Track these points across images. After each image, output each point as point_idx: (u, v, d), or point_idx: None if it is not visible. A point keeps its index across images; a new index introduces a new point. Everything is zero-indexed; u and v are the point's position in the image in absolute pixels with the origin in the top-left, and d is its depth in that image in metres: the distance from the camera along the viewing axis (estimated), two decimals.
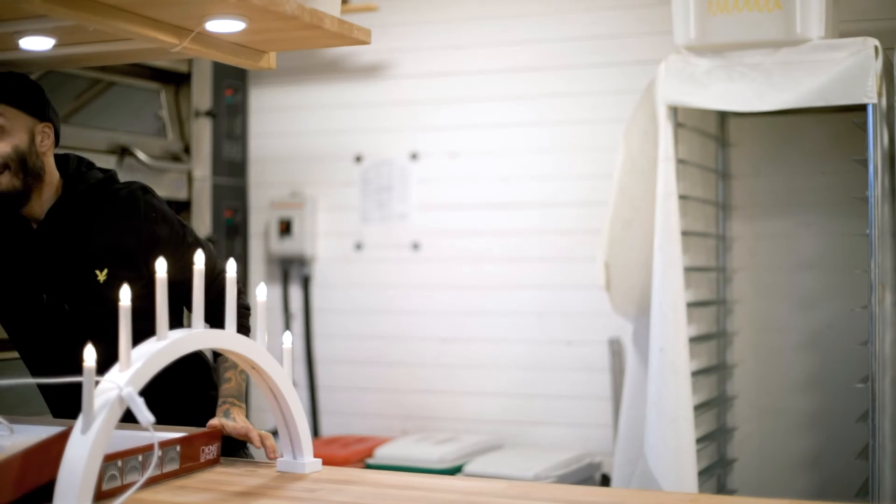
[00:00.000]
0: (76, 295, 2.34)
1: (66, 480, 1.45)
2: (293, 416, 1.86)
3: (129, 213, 2.36)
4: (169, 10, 1.85)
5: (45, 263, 2.36)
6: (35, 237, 2.36)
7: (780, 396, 3.80)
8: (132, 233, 2.35)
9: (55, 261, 2.34)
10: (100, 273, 2.33)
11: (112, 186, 2.41)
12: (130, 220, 2.35)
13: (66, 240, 2.36)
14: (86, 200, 2.37)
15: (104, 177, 2.42)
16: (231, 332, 1.74)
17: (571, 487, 1.79)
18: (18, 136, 2.30)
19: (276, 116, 4.70)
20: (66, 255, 2.35)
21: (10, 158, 2.28)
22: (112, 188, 2.41)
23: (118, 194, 2.39)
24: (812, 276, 3.78)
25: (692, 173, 3.54)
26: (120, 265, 2.34)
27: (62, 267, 2.34)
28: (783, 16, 3.06)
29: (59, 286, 2.34)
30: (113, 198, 2.39)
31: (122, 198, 2.38)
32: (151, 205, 2.39)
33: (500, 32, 4.32)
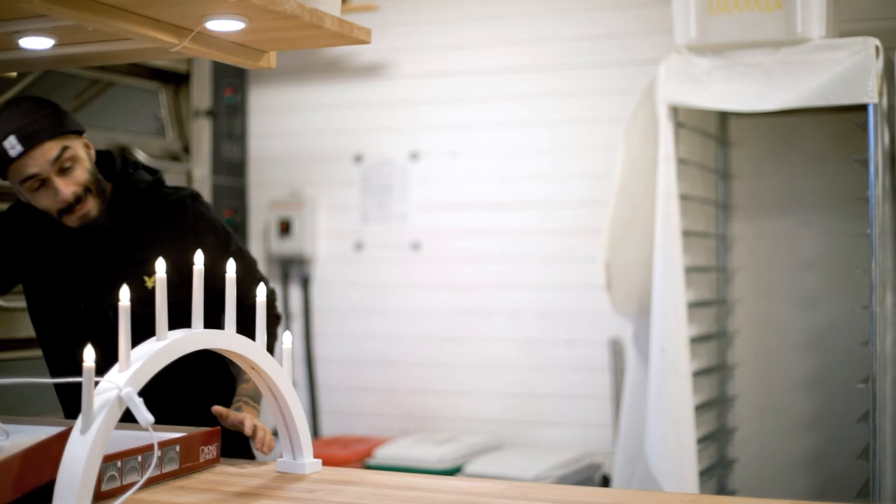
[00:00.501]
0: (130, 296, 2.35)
1: (66, 481, 1.45)
2: (293, 416, 1.86)
3: (178, 221, 2.39)
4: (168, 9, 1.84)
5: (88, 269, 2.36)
6: (79, 242, 2.35)
7: (781, 397, 3.80)
8: (180, 241, 2.37)
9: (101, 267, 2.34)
10: (148, 280, 2.34)
11: (161, 191, 2.43)
12: (179, 228, 2.38)
13: (114, 246, 2.36)
14: (135, 206, 2.38)
15: (153, 180, 2.43)
16: (231, 332, 1.73)
17: (571, 488, 1.79)
18: (84, 159, 2.32)
19: (276, 116, 4.70)
20: (114, 261, 2.35)
21: (90, 182, 2.31)
22: (161, 193, 2.42)
23: (167, 200, 2.42)
24: (813, 276, 3.78)
25: (692, 173, 3.54)
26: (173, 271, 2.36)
27: (109, 273, 2.34)
28: (784, 15, 3.05)
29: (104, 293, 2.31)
30: (162, 204, 2.41)
31: (172, 204, 2.41)
32: (200, 213, 2.43)
33: (500, 32, 4.31)
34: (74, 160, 2.30)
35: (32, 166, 2.24)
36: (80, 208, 2.29)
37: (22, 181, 2.26)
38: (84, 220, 2.31)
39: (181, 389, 2.36)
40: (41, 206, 2.29)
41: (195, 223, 2.40)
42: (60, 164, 2.27)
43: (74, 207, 2.29)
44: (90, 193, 2.30)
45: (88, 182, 2.31)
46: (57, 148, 2.27)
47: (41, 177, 2.26)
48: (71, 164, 2.28)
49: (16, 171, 2.25)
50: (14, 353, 3.29)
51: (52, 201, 2.27)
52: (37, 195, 2.28)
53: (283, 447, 1.90)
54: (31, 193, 2.28)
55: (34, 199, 2.29)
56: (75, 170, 2.29)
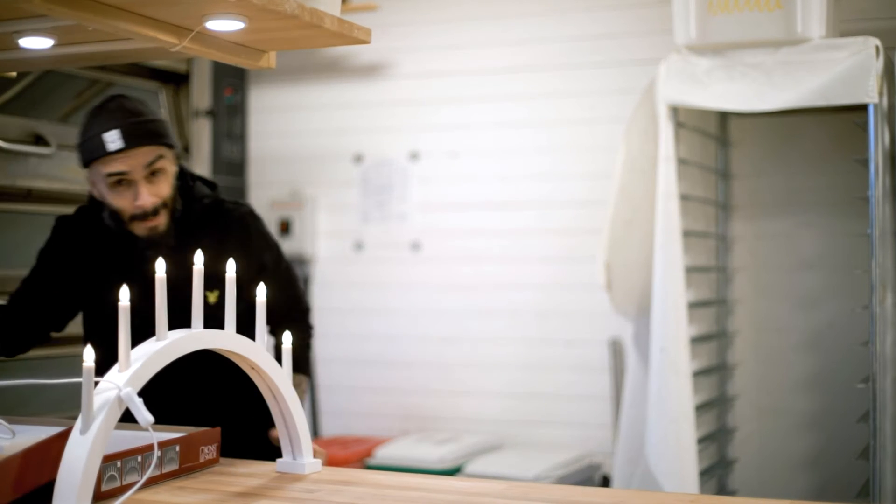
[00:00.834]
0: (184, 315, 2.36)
1: (66, 481, 1.45)
2: (293, 416, 1.86)
3: (241, 239, 2.43)
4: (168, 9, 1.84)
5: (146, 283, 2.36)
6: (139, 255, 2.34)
7: (781, 397, 3.80)
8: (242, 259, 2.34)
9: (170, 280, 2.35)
10: (210, 294, 2.34)
11: (222, 206, 2.46)
12: (242, 246, 2.40)
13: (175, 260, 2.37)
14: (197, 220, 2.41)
15: (215, 197, 2.46)
16: (231, 332, 1.73)
17: (572, 488, 1.79)
18: (170, 174, 2.35)
19: (276, 116, 4.69)
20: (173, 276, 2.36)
21: (169, 198, 2.34)
22: (223, 208, 2.46)
23: (230, 216, 2.45)
24: (813, 276, 3.78)
25: (693, 173, 3.54)
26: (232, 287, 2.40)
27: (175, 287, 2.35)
28: (784, 15, 3.05)
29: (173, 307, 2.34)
30: (224, 219, 2.44)
31: (234, 221, 2.45)
32: (261, 232, 2.49)
33: (500, 32, 4.31)
34: (163, 172, 2.32)
35: (125, 165, 2.25)
36: (153, 220, 2.30)
37: (108, 175, 2.26)
38: (151, 232, 2.32)
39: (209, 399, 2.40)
40: (115, 205, 2.29)
41: (256, 240, 2.45)
42: (150, 171, 2.29)
43: (148, 217, 2.29)
44: (165, 208, 2.32)
45: (168, 197, 2.33)
46: (153, 155, 2.30)
47: (129, 178, 2.26)
48: (159, 175, 2.31)
49: (106, 164, 2.25)
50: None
51: (129, 204, 2.27)
52: (117, 193, 2.27)
53: (283, 447, 1.90)
54: (111, 189, 2.27)
55: (113, 195, 2.28)
56: (161, 181, 2.31)
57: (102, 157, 2.26)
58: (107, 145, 2.24)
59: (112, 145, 2.24)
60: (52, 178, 3.37)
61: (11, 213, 3.36)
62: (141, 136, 2.29)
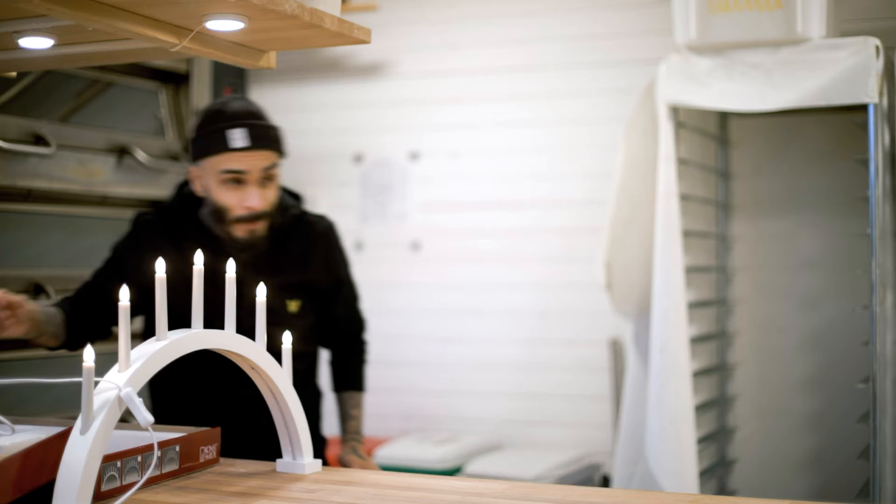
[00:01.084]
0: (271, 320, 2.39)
1: (66, 481, 1.45)
2: (293, 416, 1.86)
3: (324, 250, 2.51)
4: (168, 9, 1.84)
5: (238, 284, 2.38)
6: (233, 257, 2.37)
7: (781, 397, 3.80)
8: (324, 271, 2.49)
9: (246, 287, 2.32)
10: (290, 303, 2.41)
11: (307, 218, 2.53)
12: (324, 258, 2.50)
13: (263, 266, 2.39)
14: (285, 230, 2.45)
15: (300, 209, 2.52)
16: (230, 332, 1.73)
17: (571, 488, 1.79)
18: (278, 183, 2.39)
19: (276, 116, 4.68)
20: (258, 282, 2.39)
21: (274, 206, 2.37)
22: (308, 220, 2.52)
23: (314, 228, 2.52)
24: (813, 276, 3.78)
25: (693, 173, 3.54)
26: (310, 298, 2.47)
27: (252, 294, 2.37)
28: (784, 15, 3.05)
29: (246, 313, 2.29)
30: (310, 231, 2.50)
31: (318, 233, 2.52)
32: (340, 247, 2.57)
33: (500, 32, 4.31)
34: (274, 179, 2.36)
35: (245, 164, 2.27)
36: (256, 224, 2.33)
37: (223, 171, 2.27)
38: (250, 236, 2.34)
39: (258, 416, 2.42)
40: (222, 203, 2.30)
41: (336, 254, 2.53)
42: (265, 176, 2.32)
43: (253, 220, 2.30)
44: (267, 215, 2.35)
45: (273, 205, 2.36)
46: (271, 160, 2.34)
47: (244, 178, 2.28)
48: (271, 181, 2.34)
49: (225, 161, 2.27)
50: (14, 353, 3.29)
51: (238, 204, 2.29)
52: (228, 191, 2.29)
53: (283, 447, 1.90)
54: (222, 185, 2.29)
55: (223, 193, 2.30)
56: (271, 188, 2.34)
57: (223, 153, 2.27)
58: (231, 142, 2.26)
59: (237, 142, 2.27)
60: (52, 178, 3.37)
61: (11, 213, 3.35)
62: (265, 140, 2.34)
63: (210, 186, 2.35)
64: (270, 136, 2.38)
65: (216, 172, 2.32)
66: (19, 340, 3.27)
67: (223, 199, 2.33)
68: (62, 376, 1.71)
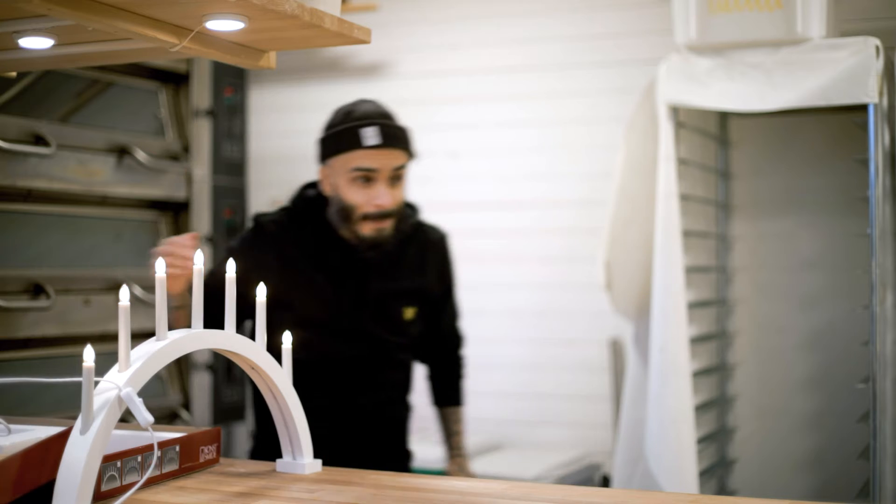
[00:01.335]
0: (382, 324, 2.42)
1: (65, 481, 1.45)
2: (293, 416, 1.86)
3: (439, 260, 2.57)
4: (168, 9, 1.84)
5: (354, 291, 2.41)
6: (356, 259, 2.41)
7: (781, 397, 3.80)
8: (437, 280, 2.55)
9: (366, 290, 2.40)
10: (407, 310, 2.45)
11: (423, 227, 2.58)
12: (438, 267, 2.55)
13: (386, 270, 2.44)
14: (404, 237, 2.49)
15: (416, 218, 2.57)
16: (230, 332, 1.73)
17: (571, 488, 1.79)
18: (405, 184, 2.43)
19: (276, 116, 4.69)
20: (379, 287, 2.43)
21: (402, 205, 2.41)
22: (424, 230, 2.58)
23: (430, 238, 2.58)
24: (813, 276, 3.78)
25: (693, 173, 3.54)
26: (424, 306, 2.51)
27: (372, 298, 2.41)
28: (784, 15, 3.05)
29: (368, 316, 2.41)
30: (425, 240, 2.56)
31: (434, 243, 2.58)
32: (451, 259, 2.62)
33: (499, 32, 4.31)
34: (402, 180, 2.39)
35: (377, 162, 2.29)
36: (383, 223, 2.35)
37: (354, 169, 2.28)
38: (377, 235, 2.36)
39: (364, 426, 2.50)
40: (351, 201, 2.32)
41: (448, 265, 2.59)
42: (395, 175, 2.34)
43: (380, 218, 2.33)
44: (394, 216, 2.38)
45: (400, 206, 2.39)
46: (403, 159, 2.37)
47: (374, 176, 2.29)
48: (399, 181, 2.37)
49: (356, 158, 2.29)
50: (14, 353, 3.29)
51: (367, 201, 2.31)
52: (357, 189, 2.31)
53: (282, 447, 1.90)
54: (351, 184, 2.31)
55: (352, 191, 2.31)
56: (399, 188, 2.37)
57: (355, 150, 2.28)
58: (364, 140, 2.28)
59: (370, 140, 2.29)
60: (52, 178, 3.37)
61: (11, 213, 3.35)
62: (397, 139, 2.36)
63: (339, 185, 2.36)
64: (401, 136, 2.41)
65: (346, 170, 2.33)
66: (19, 340, 3.28)
67: (352, 198, 2.34)
68: (62, 376, 1.71)
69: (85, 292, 3.49)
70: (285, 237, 2.43)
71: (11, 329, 3.23)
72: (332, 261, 2.40)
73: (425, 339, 2.63)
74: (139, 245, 3.85)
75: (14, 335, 3.25)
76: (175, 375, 3.94)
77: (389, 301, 2.44)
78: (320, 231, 2.42)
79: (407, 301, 2.48)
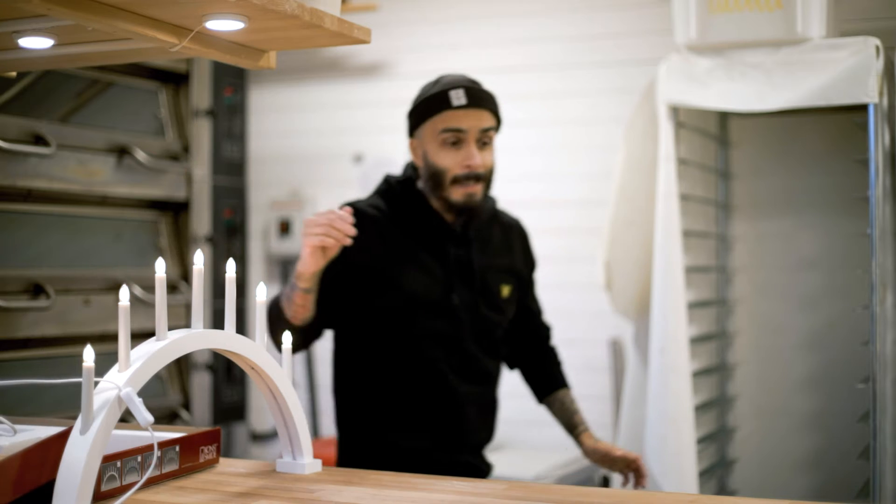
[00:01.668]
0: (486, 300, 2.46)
1: (65, 481, 1.45)
2: (293, 416, 1.86)
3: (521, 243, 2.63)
4: (168, 9, 1.84)
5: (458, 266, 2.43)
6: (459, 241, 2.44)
7: (781, 397, 3.80)
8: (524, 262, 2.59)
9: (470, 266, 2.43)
10: (504, 288, 2.48)
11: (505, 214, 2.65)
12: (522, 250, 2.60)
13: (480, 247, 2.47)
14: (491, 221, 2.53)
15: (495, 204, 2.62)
16: (231, 332, 1.73)
17: (571, 488, 1.79)
18: (494, 152, 2.44)
19: (276, 116, 4.69)
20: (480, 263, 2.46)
21: (491, 171, 2.42)
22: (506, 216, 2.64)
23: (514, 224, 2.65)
24: (813, 276, 3.78)
25: (693, 173, 3.54)
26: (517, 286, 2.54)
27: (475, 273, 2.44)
28: (784, 15, 3.05)
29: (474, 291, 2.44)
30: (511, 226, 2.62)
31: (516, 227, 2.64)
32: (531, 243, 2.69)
33: (499, 32, 4.31)
34: (490, 145, 2.40)
35: (464, 123, 2.31)
36: (473, 187, 2.36)
37: (444, 131, 2.31)
38: (467, 200, 2.37)
39: None
40: (441, 165, 2.33)
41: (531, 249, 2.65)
42: (483, 138, 2.36)
43: (471, 180, 2.34)
44: (485, 181, 2.39)
45: (490, 170, 2.40)
46: (490, 122, 2.39)
47: (463, 136, 2.32)
48: (488, 145, 2.39)
49: (444, 120, 2.32)
50: (14, 353, 3.29)
51: (457, 163, 2.33)
52: (447, 150, 2.33)
53: (283, 447, 1.90)
54: (441, 147, 2.33)
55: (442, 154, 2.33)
56: (488, 153, 2.38)
57: (443, 112, 2.32)
58: (451, 100, 2.33)
59: (456, 101, 2.33)
60: (53, 178, 3.37)
61: (11, 213, 3.36)
62: (485, 101, 2.38)
63: (429, 151, 2.39)
64: (489, 98, 2.42)
65: (436, 134, 2.36)
66: (19, 340, 3.28)
67: (442, 161, 2.36)
68: (62, 376, 1.71)
69: (85, 292, 3.49)
70: (384, 218, 2.44)
71: (11, 329, 3.23)
72: (432, 237, 2.41)
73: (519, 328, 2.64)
74: (139, 245, 3.85)
75: (14, 335, 3.25)
76: (175, 375, 3.94)
77: (489, 276, 2.47)
78: (416, 208, 2.43)
79: (503, 278, 2.51)
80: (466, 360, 2.44)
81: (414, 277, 2.39)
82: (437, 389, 2.43)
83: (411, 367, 2.43)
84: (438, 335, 2.40)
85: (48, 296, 3.29)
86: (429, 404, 2.45)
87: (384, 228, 2.42)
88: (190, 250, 3.94)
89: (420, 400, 2.44)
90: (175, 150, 3.94)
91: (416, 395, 2.45)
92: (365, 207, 2.45)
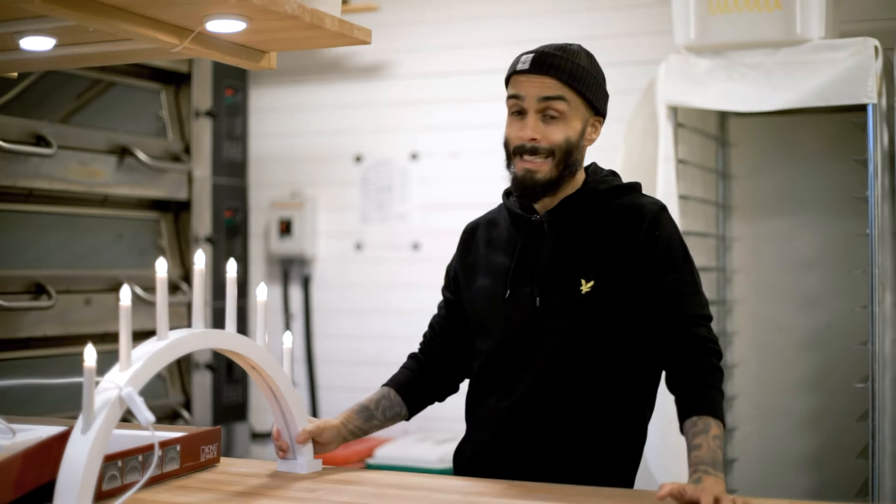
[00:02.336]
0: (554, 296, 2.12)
1: (67, 480, 1.45)
2: (293, 416, 1.86)
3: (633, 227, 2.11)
4: (169, 10, 1.85)
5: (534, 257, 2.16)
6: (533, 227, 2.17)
7: (781, 396, 3.80)
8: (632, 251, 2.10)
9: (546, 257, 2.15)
10: (584, 283, 2.10)
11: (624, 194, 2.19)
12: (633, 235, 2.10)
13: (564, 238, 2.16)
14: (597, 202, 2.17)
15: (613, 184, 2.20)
16: (232, 331, 1.74)
17: (572, 487, 1.79)
18: (573, 127, 2.12)
19: (276, 116, 4.70)
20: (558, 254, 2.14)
21: (559, 148, 2.10)
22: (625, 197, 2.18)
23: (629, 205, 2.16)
24: (812, 276, 3.78)
25: (692, 173, 3.54)
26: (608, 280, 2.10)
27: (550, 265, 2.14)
28: (783, 16, 3.06)
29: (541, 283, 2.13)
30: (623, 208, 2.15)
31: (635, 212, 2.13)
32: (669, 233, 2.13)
33: (500, 32, 4.31)
34: (560, 118, 2.10)
35: (521, 89, 2.08)
36: (532, 162, 2.10)
37: (508, 97, 2.10)
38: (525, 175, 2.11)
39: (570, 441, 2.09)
40: (506, 136, 2.12)
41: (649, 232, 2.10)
42: (545, 108, 2.09)
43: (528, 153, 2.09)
44: (552, 158, 2.10)
45: (557, 146, 2.10)
46: (554, 90, 2.09)
47: (523, 105, 2.08)
48: (555, 118, 2.10)
49: (512, 85, 2.10)
50: (15, 353, 3.30)
51: (515, 134, 2.09)
52: (511, 119, 2.11)
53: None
54: (509, 119, 2.10)
55: (508, 122, 2.12)
56: (554, 127, 2.10)
57: (511, 77, 2.13)
58: (517, 64, 2.11)
59: (520, 65, 2.10)
60: (53, 179, 3.38)
61: (12, 213, 3.36)
62: (547, 66, 2.10)
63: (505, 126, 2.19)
64: (558, 66, 2.10)
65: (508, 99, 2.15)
66: (20, 340, 3.29)
67: (506, 132, 2.15)
68: (63, 376, 1.71)
69: (86, 292, 3.50)
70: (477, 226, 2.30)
71: (12, 329, 3.23)
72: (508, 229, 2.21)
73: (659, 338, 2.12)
74: (140, 245, 3.85)
75: (15, 335, 3.25)
76: (176, 375, 3.95)
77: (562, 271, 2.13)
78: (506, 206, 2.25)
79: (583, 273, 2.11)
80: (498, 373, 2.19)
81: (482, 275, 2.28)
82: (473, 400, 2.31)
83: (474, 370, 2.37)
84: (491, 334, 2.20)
85: (49, 296, 3.29)
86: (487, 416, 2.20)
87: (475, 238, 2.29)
88: (191, 250, 3.94)
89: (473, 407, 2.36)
90: (176, 150, 3.95)
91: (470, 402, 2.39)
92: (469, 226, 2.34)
